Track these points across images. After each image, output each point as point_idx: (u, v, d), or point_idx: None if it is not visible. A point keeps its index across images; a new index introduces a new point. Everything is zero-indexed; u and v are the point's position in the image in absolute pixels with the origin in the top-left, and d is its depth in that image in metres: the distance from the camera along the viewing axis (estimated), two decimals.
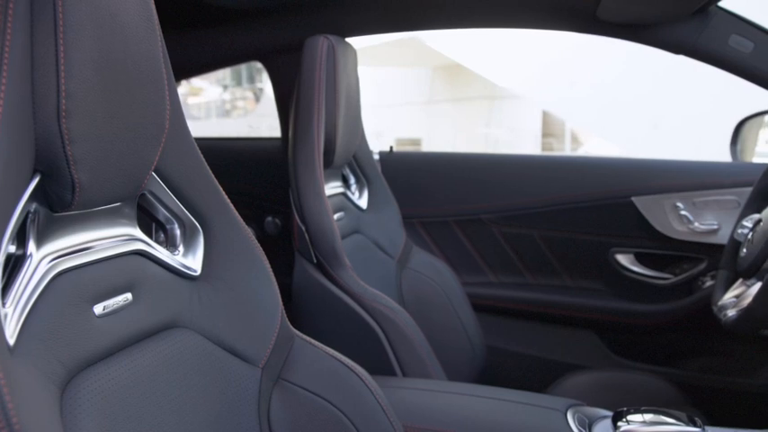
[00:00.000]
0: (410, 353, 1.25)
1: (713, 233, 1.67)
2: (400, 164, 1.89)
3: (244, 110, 16.94)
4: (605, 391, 1.55)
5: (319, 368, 0.90)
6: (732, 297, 1.30)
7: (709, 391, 1.65)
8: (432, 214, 1.87)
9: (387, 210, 1.65)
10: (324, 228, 1.28)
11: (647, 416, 0.99)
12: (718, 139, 1.98)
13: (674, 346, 1.75)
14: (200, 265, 0.85)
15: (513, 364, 1.82)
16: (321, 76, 1.32)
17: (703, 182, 1.68)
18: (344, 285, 1.27)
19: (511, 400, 1.10)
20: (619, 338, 1.78)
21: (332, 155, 1.39)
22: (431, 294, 1.59)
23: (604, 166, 1.83)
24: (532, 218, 1.80)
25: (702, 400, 1.56)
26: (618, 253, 1.77)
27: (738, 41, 1.42)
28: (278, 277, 1.38)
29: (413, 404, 1.08)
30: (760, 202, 1.38)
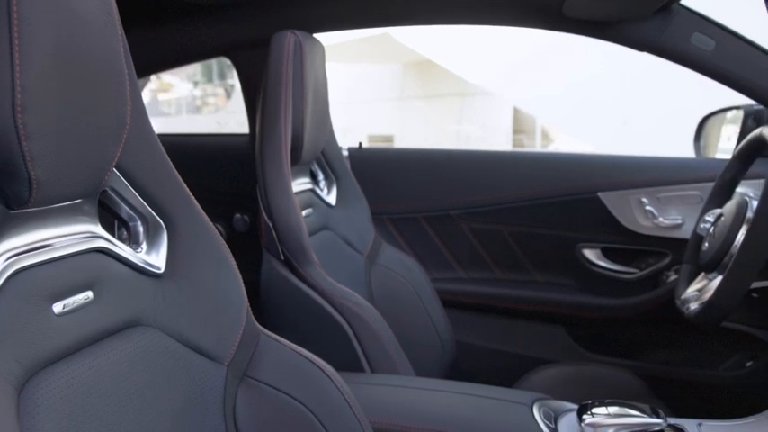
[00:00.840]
0: (378, 349, 1.25)
1: (677, 228, 1.69)
2: (369, 160, 1.89)
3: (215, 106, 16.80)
4: (573, 385, 1.56)
5: (285, 365, 0.90)
6: (695, 290, 1.33)
7: (674, 383, 1.68)
8: (401, 210, 1.87)
9: (356, 206, 1.65)
10: (291, 224, 1.28)
11: (611, 408, 1.01)
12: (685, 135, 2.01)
13: (640, 339, 1.78)
14: (164, 263, 0.84)
15: (482, 359, 1.83)
16: (288, 72, 1.32)
17: (668, 177, 1.71)
18: (312, 282, 1.26)
19: (477, 395, 1.11)
20: (586, 332, 1.81)
21: (299, 151, 1.38)
22: (400, 290, 1.59)
23: (571, 163, 1.85)
24: (501, 214, 1.82)
25: (667, 391, 1.59)
26: (585, 248, 1.79)
27: (700, 39, 1.44)
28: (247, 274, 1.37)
29: (380, 400, 1.08)
30: (721, 198, 1.40)
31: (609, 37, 1.48)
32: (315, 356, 0.91)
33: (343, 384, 0.90)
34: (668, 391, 1.60)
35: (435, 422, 1.01)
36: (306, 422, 0.86)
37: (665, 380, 1.68)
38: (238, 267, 1.57)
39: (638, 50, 1.50)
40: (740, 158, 1.37)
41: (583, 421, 1.00)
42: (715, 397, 1.65)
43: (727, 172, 1.40)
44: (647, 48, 1.48)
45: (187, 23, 1.65)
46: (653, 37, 1.45)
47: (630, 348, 1.79)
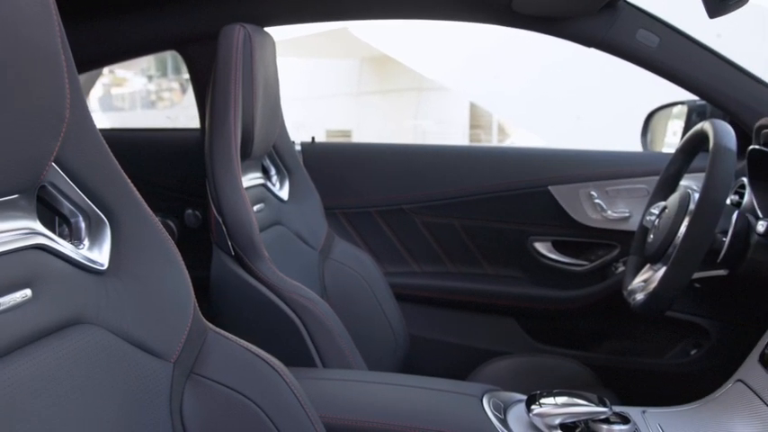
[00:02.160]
0: (330, 344, 1.25)
1: (625, 220, 1.73)
2: (322, 155, 1.88)
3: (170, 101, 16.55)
4: (524, 376, 1.59)
5: (233, 361, 0.89)
6: (641, 281, 1.36)
7: (622, 373, 1.72)
8: (354, 205, 1.87)
9: (308, 201, 1.64)
10: (241, 219, 1.27)
11: (559, 398, 1.02)
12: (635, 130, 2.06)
13: (590, 330, 1.82)
14: (108, 259, 0.82)
15: (436, 352, 1.84)
16: (237, 66, 1.30)
17: (616, 171, 1.74)
18: (263, 277, 1.25)
19: (428, 388, 1.12)
20: (537, 324, 1.83)
21: (250, 146, 1.37)
22: (353, 285, 1.59)
23: (522, 157, 1.87)
24: (453, 207, 1.83)
25: (616, 380, 1.62)
26: (536, 241, 1.82)
27: (645, 36, 1.47)
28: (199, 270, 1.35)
29: (330, 395, 1.08)
30: (666, 191, 1.44)
31: (557, 33, 1.50)
32: (263, 352, 0.90)
33: (293, 380, 0.90)
34: (617, 380, 1.64)
35: (385, 416, 1.02)
36: (254, 418, 0.86)
37: (613, 369, 1.72)
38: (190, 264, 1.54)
39: (586, 46, 1.53)
40: (683, 152, 1.41)
41: (531, 411, 1.01)
42: (661, 385, 1.69)
43: (672, 166, 1.44)
44: (594, 44, 1.51)
45: (135, 16, 1.62)
46: (600, 33, 1.48)
47: (580, 339, 1.82)
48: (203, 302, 1.29)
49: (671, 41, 1.49)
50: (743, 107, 1.49)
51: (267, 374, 0.89)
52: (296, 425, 0.88)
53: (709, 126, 1.23)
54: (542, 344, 1.82)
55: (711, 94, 1.51)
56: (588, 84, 6.76)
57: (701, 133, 1.29)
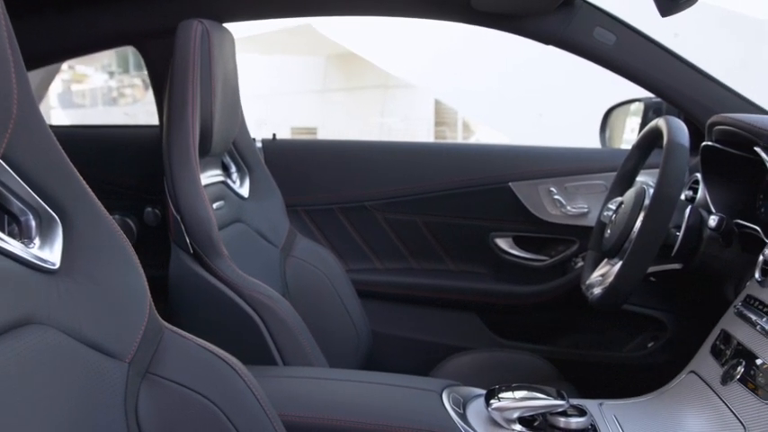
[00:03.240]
0: (290, 341, 1.24)
1: (583, 216, 1.76)
2: (283, 152, 1.87)
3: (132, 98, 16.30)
4: (485, 371, 1.60)
5: (190, 360, 0.88)
6: (598, 276, 1.38)
7: (582, 366, 1.74)
8: (316, 202, 1.86)
9: (269, 198, 1.63)
10: (199, 217, 1.25)
11: (517, 393, 1.04)
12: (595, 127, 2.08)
13: (551, 324, 1.84)
14: (59, 259, 0.81)
15: (399, 348, 1.85)
16: (195, 62, 1.29)
17: (574, 167, 1.77)
18: (222, 275, 1.24)
19: (388, 384, 1.12)
20: (499, 319, 1.85)
21: (209, 142, 1.35)
22: (315, 282, 1.59)
23: (483, 153, 1.89)
24: (415, 204, 1.84)
25: (576, 374, 1.65)
26: (497, 237, 1.84)
27: (602, 34, 1.50)
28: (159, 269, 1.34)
29: (290, 392, 1.08)
30: (623, 186, 1.46)
31: (516, 30, 1.52)
32: (221, 351, 0.90)
33: (251, 378, 0.90)
34: (577, 374, 1.66)
35: (345, 412, 1.02)
36: (211, 417, 0.85)
37: (573, 363, 1.74)
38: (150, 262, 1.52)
39: (545, 44, 1.55)
40: (639, 149, 1.43)
41: (490, 406, 1.02)
42: (620, 377, 1.72)
43: (628, 162, 1.47)
44: (552, 41, 1.53)
45: (89, 10, 1.59)
46: (557, 31, 1.49)
47: (541, 333, 1.84)
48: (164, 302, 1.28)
49: (627, 40, 1.52)
50: (696, 104, 1.52)
51: (225, 373, 0.88)
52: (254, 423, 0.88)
53: (663, 123, 1.25)
54: (504, 339, 1.83)
55: (666, 91, 1.54)
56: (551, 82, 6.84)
57: (655, 130, 1.31)
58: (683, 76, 1.53)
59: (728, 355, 1.08)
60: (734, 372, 1.03)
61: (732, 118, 1.31)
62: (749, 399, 0.97)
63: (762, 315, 1.06)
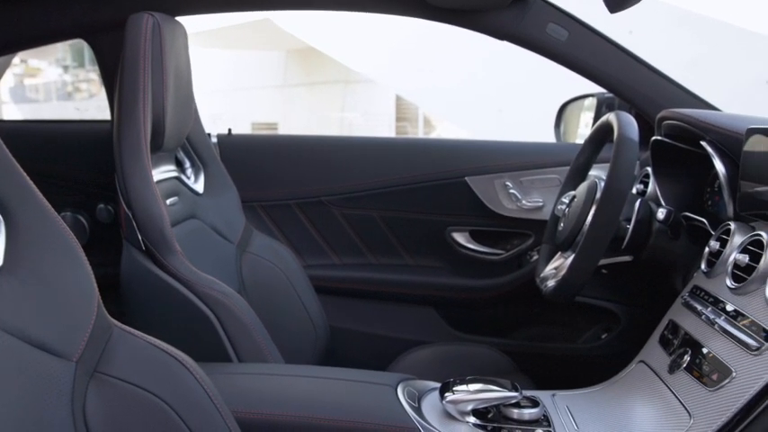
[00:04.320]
0: (245, 338, 1.23)
1: (538, 210, 1.78)
2: (239, 147, 1.85)
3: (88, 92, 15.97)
4: (443, 365, 1.61)
5: (140, 358, 0.87)
6: (552, 269, 1.40)
7: (538, 358, 1.77)
8: (272, 197, 1.85)
9: (225, 194, 1.61)
10: (151, 213, 1.23)
11: (472, 385, 1.04)
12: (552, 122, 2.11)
13: (507, 317, 1.86)
14: (2, 257, 0.79)
15: (356, 343, 1.85)
16: (146, 56, 1.27)
17: (529, 162, 1.79)
18: (175, 272, 1.23)
19: (342, 379, 1.12)
20: (456, 313, 1.86)
21: (161, 137, 1.33)
22: (272, 278, 1.58)
23: (440, 148, 1.90)
24: (372, 199, 1.84)
25: (532, 366, 1.67)
26: (454, 231, 1.85)
27: (555, 30, 1.51)
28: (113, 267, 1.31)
29: (244, 389, 1.07)
30: (576, 180, 1.48)
31: (470, 25, 1.53)
32: (172, 348, 0.88)
33: (203, 375, 0.89)
34: (533, 366, 1.68)
35: (299, 408, 1.01)
36: (162, 416, 0.84)
37: (529, 355, 1.76)
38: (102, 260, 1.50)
39: (499, 39, 1.56)
40: (591, 143, 1.46)
41: (444, 399, 1.03)
42: (575, 368, 1.75)
43: (581, 156, 1.49)
44: (506, 36, 1.54)
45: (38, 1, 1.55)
46: (511, 26, 1.51)
47: (498, 327, 1.86)
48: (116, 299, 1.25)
49: (579, 35, 1.54)
50: (646, 100, 1.55)
51: (175, 371, 0.87)
52: (206, 421, 0.87)
53: (613, 118, 1.27)
54: (461, 332, 1.85)
55: (617, 86, 1.57)
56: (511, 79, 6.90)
57: (606, 125, 1.33)
58: (634, 71, 1.55)
59: (676, 345, 1.11)
60: (680, 361, 1.06)
61: (680, 113, 1.34)
62: (695, 387, 0.99)
63: (707, 305, 1.09)
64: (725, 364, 0.96)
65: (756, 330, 0.94)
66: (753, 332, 0.95)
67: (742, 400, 0.90)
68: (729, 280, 1.05)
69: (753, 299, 0.99)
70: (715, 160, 1.19)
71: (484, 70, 7.29)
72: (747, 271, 1.02)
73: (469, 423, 1.02)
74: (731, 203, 1.16)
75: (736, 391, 0.91)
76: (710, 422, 0.92)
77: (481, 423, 1.03)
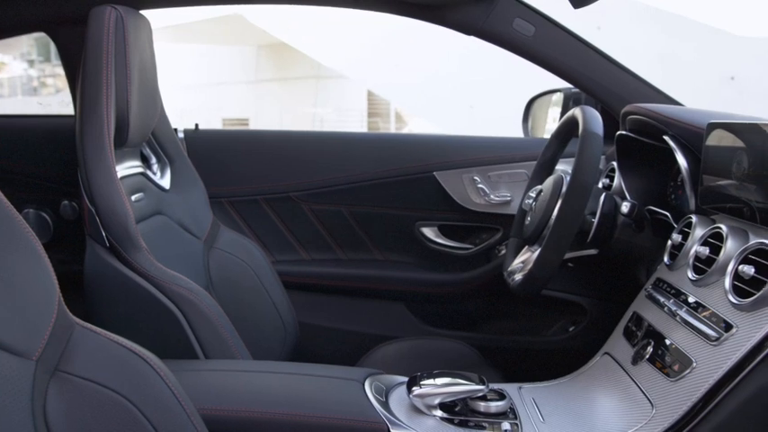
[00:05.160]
0: (212, 335, 1.22)
1: (506, 204, 1.79)
2: (206, 142, 1.84)
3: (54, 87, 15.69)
4: (413, 359, 1.61)
5: (102, 356, 0.85)
6: (519, 263, 1.41)
7: (506, 351, 1.78)
8: (240, 193, 1.84)
9: (192, 189, 1.60)
10: (115, 209, 1.22)
11: (439, 379, 1.05)
12: None
13: (476, 311, 1.87)
14: None
15: (326, 339, 1.84)
16: (109, 49, 1.25)
17: (497, 156, 1.79)
18: (140, 269, 1.21)
19: (310, 375, 1.12)
20: (426, 308, 1.87)
21: (125, 133, 1.31)
22: (240, 274, 1.57)
23: (408, 143, 1.90)
24: (341, 194, 1.83)
25: (500, 359, 1.68)
26: (423, 226, 1.85)
27: (521, 25, 1.52)
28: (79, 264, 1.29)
29: (210, 386, 1.06)
30: (543, 175, 1.49)
31: (437, 20, 1.53)
32: (135, 345, 0.87)
33: (167, 372, 0.88)
34: (501, 359, 1.69)
35: (266, 404, 1.01)
36: (126, 414, 0.83)
37: (498, 348, 1.78)
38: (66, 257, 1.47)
39: (466, 34, 1.57)
40: (557, 138, 1.47)
41: (412, 393, 1.03)
42: (543, 361, 1.77)
43: (547, 151, 1.50)
44: (473, 31, 1.54)
45: None
46: (478, 21, 1.51)
47: (467, 321, 1.87)
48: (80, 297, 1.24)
49: (545, 31, 1.55)
50: (611, 95, 1.57)
51: (139, 368, 0.86)
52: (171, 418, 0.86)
53: (578, 113, 1.28)
54: (430, 327, 1.85)
55: (582, 81, 1.59)
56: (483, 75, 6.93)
57: (572, 120, 1.34)
58: (599, 67, 1.57)
59: (639, 337, 1.12)
60: (644, 352, 1.08)
61: (643, 108, 1.36)
62: (657, 378, 1.01)
63: (669, 297, 1.10)
64: (686, 355, 0.98)
65: (716, 321, 0.96)
66: (713, 323, 0.96)
67: (702, 390, 0.91)
68: (691, 272, 1.07)
69: (713, 290, 1.01)
70: (677, 154, 1.21)
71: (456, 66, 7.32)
72: (708, 263, 1.03)
73: (437, 417, 1.03)
74: (693, 197, 1.18)
75: (696, 380, 0.93)
76: (672, 411, 0.94)
77: (448, 416, 1.03)
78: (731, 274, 0.97)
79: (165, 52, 10.58)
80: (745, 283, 0.93)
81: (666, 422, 0.94)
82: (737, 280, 0.95)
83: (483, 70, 6.57)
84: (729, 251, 1.00)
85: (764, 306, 0.89)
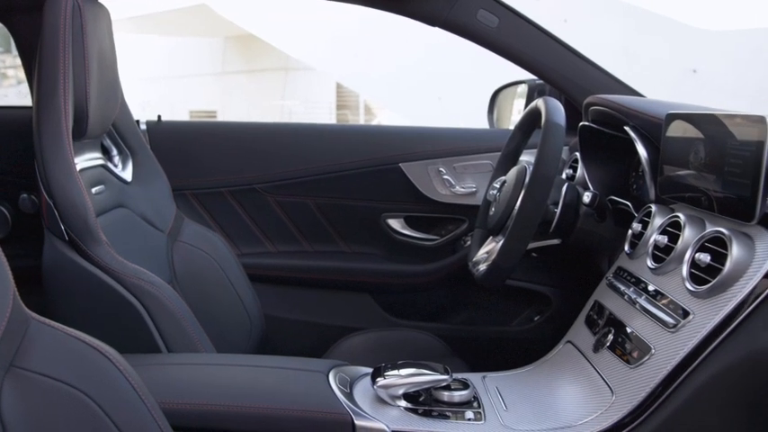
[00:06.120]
0: (175, 328, 1.21)
1: (472, 195, 1.79)
2: (169, 134, 1.81)
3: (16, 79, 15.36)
4: (379, 350, 1.62)
5: (60, 351, 0.84)
6: (484, 253, 1.42)
7: (472, 342, 1.79)
8: (205, 185, 1.82)
9: (155, 182, 1.57)
10: (74, 202, 1.19)
11: (403, 370, 1.05)
12: None
13: (442, 302, 1.88)
14: None
15: (292, 331, 1.84)
16: (66, 39, 1.22)
17: (463, 147, 1.80)
18: (100, 262, 1.19)
19: (274, 367, 1.11)
20: (392, 299, 1.87)
21: (85, 124, 1.29)
22: (204, 267, 1.55)
23: (374, 134, 1.90)
24: (307, 186, 1.82)
25: (466, 350, 1.69)
26: (389, 217, 1.85)
27: (485, 16, 1.53)
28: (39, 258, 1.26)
29: (171, 380, 1.05)
30: (507, 166, 1.50)
31: (401, 11, 1.53)
32: (94, 340, 0.86)
33: (127, 367, 0.86)
34: (467, 349, 1.70)
35: (229, 397, 1.00)
36: (84, 409, 0.82)
37: (464, 339, 1.79)
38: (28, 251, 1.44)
39: (430, 25, 1.57)
40: (521, 129, 1.48)
41: (376, 383, 1.04)
42: (508, 351, 1.78)
43: (511, 142, 1.51)
44: (437, 23, 1.54)
45: None
46: (442, 12, 1.51)
47: (433, 311, 1.88)
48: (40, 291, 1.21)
49: (509, 22, 1.56)
50: (574, 86, 1.58)
51: (98, 363, 0.85)
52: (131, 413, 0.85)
53: (541, 104, 1.29)
54: (397, 318, 1.86)
55: (546, 73, 1.60)
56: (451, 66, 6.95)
57: (534, 111, 1.35)
58: (563, 58, 1.58)
59: (601, 325, 1.14)
60: (605, 340, 1.09)
61: (605, 99, 1.37)
62: (617, 365, 1.03)
63: (629, 285, 1.12)
64: (645, 342, 0.99)
65: (674, 308, 0.98)
66: (671, 310, 0.98)
67: (660, 375, 0.93)
68: (650, 260, 1.08)
69: (671, 278, 1.03)
70: (637, 145, 1.22)
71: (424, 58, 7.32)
72: (666, 251, 1.05)
73: (401, 407, 1.03)
74: (653, 187, 1.20)
75: (654, 367, 0.95)
76: (631, 397, 0.96)
77: (412, 406, 1.04)
78: (688, 261, 0.98)
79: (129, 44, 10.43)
80: (701, 270, 0.95)
81: (626, 408, 0.96)
82: (694, 268, 0.97)
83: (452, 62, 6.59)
84: (687, 239, 1.01)
85: (720, 293, 0.91)
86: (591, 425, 0.98)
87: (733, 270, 0.90)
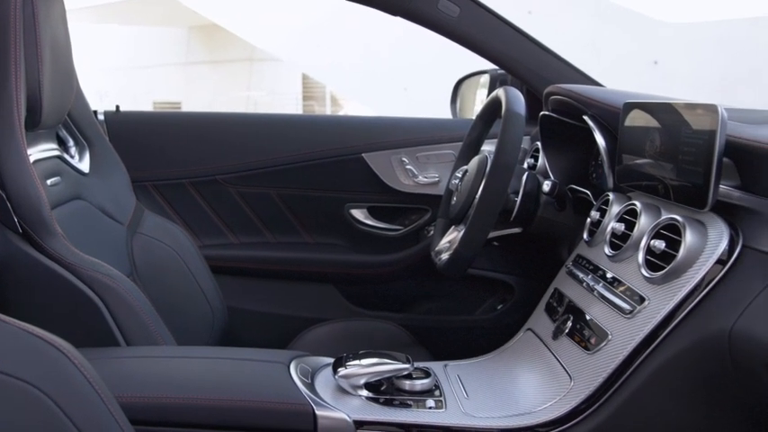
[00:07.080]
0: (134, 321, 1.19)
1: (435, 185, 1.80)
2: (129, 124, 1.78)
3: None
4: (343, 341, 1.62)
5: (12, 346, 0.82)
6: (446, 242, 1.42)
7: (436, 331, 1.80)
8: (165, 176, 1.79)
9: (113, 173, 1.55)
10: (28, 193, 1.17)
11: (365, 360, 1.05)
12: None
13: (406, 292, 1.88)
14: None
15: (256, 323, 1.83)
16: (17, 27, 1.19)
17: (425, 137, 1.80)
18: (55, 255, 1.17)
19: (234, 358, 1.10)
20: (356, 289, 1.87)
21: (38, 114, 1.26)
22: (165, 259, 1.53)
23: (336, 125, 1.89)
24: (269, 177, 1.81)
25: (430, 339, 1.70)
26: (352, 208, 1.85)
27: (446, 6, 1.53)
28: None
29: (129, 373, 1.03)
30: (469, 155, 1.51)
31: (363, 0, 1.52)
32: (47, 333, 0.84)
33: (82, 361, 0.85)
34: (431, 339, 1.71)
35: (188, 390, 0.99)
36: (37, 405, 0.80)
37: (428, 328, 1.79)
38: None
39: (392, 15, 1.56)
40: (482, 119, 1.48)
41: (337, 374, 1.03)
42: (472, 339, 1.80)
43: (473, 131, 1.51)
44: (398, 12, 1.54)
45: None
46: (403, 2, 1.51)
47: (397, 302, 1.88)
48: None
49: (470, 12, 1.56)
50: (535, 76, 1.60)
51: (51, 356, 0.83)
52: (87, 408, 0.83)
53: (502, 93, 1.30)
54: (361, 308, 1.86)
55: (507, 63, 1.61)
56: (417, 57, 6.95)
57: (495, 100, 1.36)
58: (523, 48, 1.59)
59: (560, 312, 1.15)
60: (564, 327, 1.10)
61: (564, 88, 1.38)
62: (576, 351, 1.04)
63: (588, 273, 1.13)
64: (602, 328, 1.01)
65: (630, 295, 0.99)
66: (627, 297, 1.00)
67: (617, 361, 0.94)
68: (607, 248, 1.10)
69: (628, 265, 1.04)
70: (596, 134, 1.23)
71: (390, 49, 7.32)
72: (623, 239, 1.07)
73: (362, 396, 1.03)
74: (611, 175, 1.21)
75: (611, 352, 0.96)
76: (588, 383, 0.97)
77: (374, 396, 1.04)
78: (644, 248, 1.00)
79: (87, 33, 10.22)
80: (656, 257, 0.97)
81: (583, 393, 0.97)
82: (650, 254, 0.98)
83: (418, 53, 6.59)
84: (642, 227, 1.03)
85: (674, 279, 0.92)
86: (549, 411, 0.99)
87: (686, 256, 0.91)
